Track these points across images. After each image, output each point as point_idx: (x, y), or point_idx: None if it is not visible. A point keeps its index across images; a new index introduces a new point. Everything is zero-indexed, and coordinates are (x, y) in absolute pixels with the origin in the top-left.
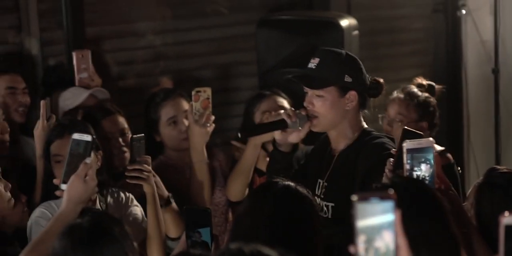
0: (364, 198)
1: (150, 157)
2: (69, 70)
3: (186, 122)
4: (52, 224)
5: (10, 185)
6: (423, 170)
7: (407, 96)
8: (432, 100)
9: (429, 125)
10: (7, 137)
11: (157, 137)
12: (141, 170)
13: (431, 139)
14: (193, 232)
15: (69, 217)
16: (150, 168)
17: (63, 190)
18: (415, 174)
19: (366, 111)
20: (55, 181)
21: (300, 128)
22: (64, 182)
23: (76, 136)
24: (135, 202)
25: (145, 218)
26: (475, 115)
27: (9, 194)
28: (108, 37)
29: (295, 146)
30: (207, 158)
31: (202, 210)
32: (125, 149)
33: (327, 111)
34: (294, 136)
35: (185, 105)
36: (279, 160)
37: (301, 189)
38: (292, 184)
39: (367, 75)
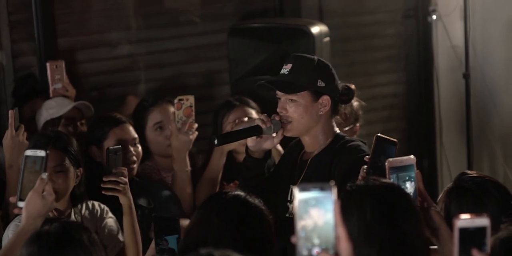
0: (304, 188)
1: (126, 169)
2: (40, 81)
3: None
4: (13, 240)
5: None
6: (408, 188)
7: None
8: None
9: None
10: None
11: (144, 142)
12: (117, 182)
13: (412, 156)
14: (160, 239)
15: (29, 232)
16: (126, 180)
17: (20, 208)
18: None
19: (337, 117)
20: (11, 199)
21: (274, 134)
22: (21, 199)
23: (29, 152)
24: (110, 214)
25: (120, 229)
26: (447, 119)
27: None
28: (80, 48)
29: (267, 153)
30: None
31: (170, 218)
32: (135, 159)
33: (301, 115)
34: (268, 143)
35: (172, 111)
36: (252, 167)
37: (251, 199)
38: (241, 193)
39: (339, 81)
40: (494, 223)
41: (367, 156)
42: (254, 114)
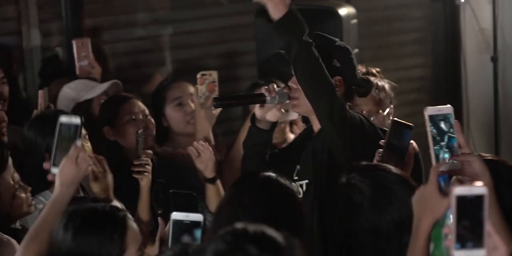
0: None
1: (151, 151)
2: (67, 61)
3: (192, 105)
4: (48, 210)
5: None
6: (444, 127)
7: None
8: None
9: None
10: (4, 126)
11: (164, 122)
12: (145, 165)
13: (449, 105)
14: None
15: (63, 201)
16: (150, 162)
17: (54, 175)
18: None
19: (349, 103)
20: (45, 165)
21: (278, 103)
22: (55, 164)
23: (64, 119)
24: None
25: None
26: (474, 102)
27: (17, 186)
28: (107, 28)
29: (273, 125)
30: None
31: (188, 194)
32: (150, 128)
33: None
34: (272, 115)
35: (191, 88)
36: (254, 136)
37: (282, 180)
38: (273, 175)
39: (358, 70)
40: None
41: (382, 140)
42: None
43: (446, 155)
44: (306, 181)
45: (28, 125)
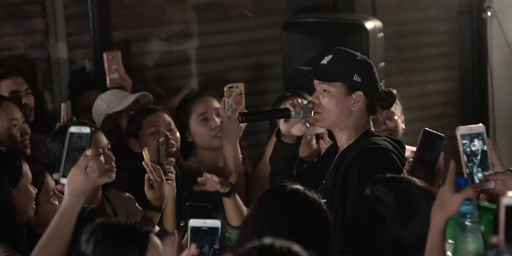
0: None
1: (174, 159)
2: (95, 73)
3: (217, 119)
4: (57, 220)
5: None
6: (476, 145)
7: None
8: None
9: None
10: (26, 138)
11: (189, 137)
12: (168, 172)
13: (481, 124)
14: None
15: (73, 211)
16: (173, 170)
17: (63, 185)
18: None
19: (372, 116)
20: (54, 175)
21: (303, 118)
22: (64, 176)
23: (73, 129)
24: (136, 204)
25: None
26: (501, 116)
27: (51, 193)
28: (134, 41)
29: (299, 139)
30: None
31: (204, 207)
32: (173, 142)
33: (331, 107)
34: (297, 129)
35: (216, 103)
36: (280, 151)
37: (309, 193)
38: (300, 187)
39: (380, 84)
40: None
41: (412, 150)
42: None
43: (480, 175)
44: (324, 200)
45: (51, 137)
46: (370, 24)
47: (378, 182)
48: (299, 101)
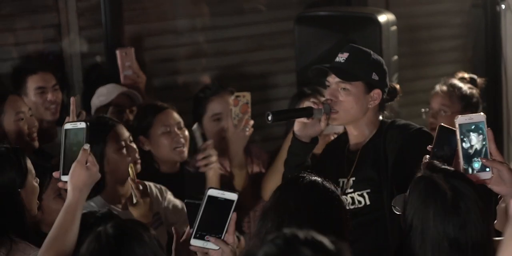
0: None
1: (211, 141)
2: (108, 68)
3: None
4: (63, 216)
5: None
6: (475, 135)
7: (450, 88)
8: (475, 91)
9: None
10: (34, 131)
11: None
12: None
13: (481, 113)
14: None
15: (78, 205)
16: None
17: (65, 182)
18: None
19: (385, 112)
20: (55, 174)
21: (322, 116)
22: (64, 173)
23: (68, 126)
24: (168, 191)
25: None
26: None
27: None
28: (146, 35)
29: (314, 139)
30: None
31: (200, 204)
32: (183, 141)
33: (350, 105)
34: (314, 129)
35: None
36: (299, 153)
37: (327, 184)
38: (318, 179)
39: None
40: None
41: (429, 146)
42: None
43: (476, 165)
44: (368, 190)
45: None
46: (383, 17)
47: (440, 170)
48: (321, 99)
